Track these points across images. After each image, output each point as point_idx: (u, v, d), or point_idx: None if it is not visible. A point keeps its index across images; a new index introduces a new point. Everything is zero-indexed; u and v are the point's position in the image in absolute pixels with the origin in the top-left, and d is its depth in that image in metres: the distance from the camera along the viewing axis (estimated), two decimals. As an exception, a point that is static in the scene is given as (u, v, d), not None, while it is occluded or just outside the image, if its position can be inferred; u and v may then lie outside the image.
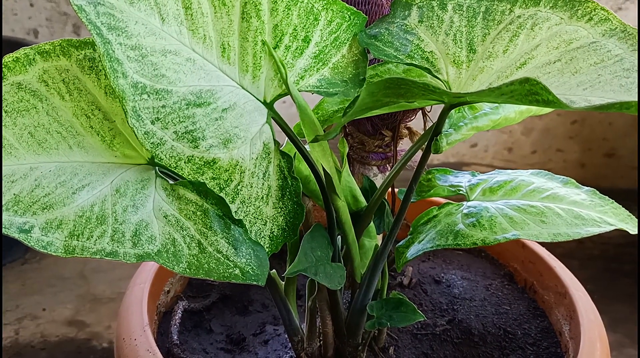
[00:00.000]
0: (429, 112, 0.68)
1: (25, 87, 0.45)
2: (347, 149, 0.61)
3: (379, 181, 0.72)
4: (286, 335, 0.66)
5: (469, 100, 0.47)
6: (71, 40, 0.47)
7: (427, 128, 0.68)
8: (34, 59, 0.46)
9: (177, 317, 0.68)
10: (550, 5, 0.48)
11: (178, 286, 0.76)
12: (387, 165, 0.72)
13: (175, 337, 0.65)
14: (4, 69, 0.45)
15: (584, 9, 0.47)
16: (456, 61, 0.50)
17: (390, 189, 0.72)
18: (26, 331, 1.14)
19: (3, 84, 0.45)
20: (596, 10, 0.47)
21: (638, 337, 1.19)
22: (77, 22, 1.45)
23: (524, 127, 1.61)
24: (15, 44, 1.30)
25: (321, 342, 0.61)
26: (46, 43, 0.46)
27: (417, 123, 0.71)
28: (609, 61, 0.45)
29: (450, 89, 0.50)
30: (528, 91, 0.38)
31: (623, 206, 0.56)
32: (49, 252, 0.42)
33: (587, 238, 0.53)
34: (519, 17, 0.49)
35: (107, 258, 0.43)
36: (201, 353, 0.66)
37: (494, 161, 1.66)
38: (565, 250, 1.43)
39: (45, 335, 1.13)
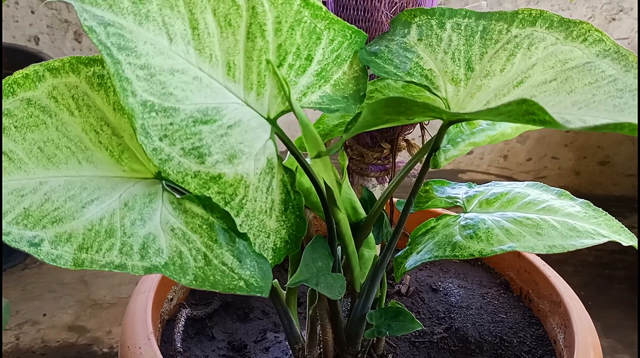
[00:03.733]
0: (427, 125, 0.69)
1: (35, 103, 0.46)
2: (347, 162, 0.62)
3: (377, 192, 0.73)
4: (287, 342, 0.67)
5: (467, 118, 0.48)
6: (80, 57, 0.48)
7: (425, 141, 0.70)
8: (43, 76, 0.47)
9: (180, 325, 0.69)
10: (547, 25, 0.50)
11: (181, 294, 0.77)
12: (386, 176, 0.73)
13: (179, 345, 0.66)
14: (13, 85, 0.46)
15: (579, 29, 0.49)
16: (454, 79, 0.51)
17: (389, 200, 0.74)
18: (27, 336, 1.15)
19: (13, 99, 0.46)
20: (590, 31, 0.48)
21: (638, 345, 1.20)
22: (78, 29, 1.47)
23: (519, 135, 1.63)
24: (16, 52, 1.31)
25: (321, 350, 0.62)
26: (55, 60, 0.48)
27: (415, 133, 0.72)
28: (602, 81, 0.46)
29: (448, 106, 0.51)
30: (525, 111, 0.39)
31: (617, 213, 0.58)
32: (59, 265, 0.43)
33: (582, 244, 0.55)
34: (515, 36, 0.50)
35: (115, 270, 0.44)
36: (203, 361, 0.67)
37: (489, 168, 1.68)
38: (559, 257, 1.45)
39: (45, 340, 1.14)
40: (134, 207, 0.46)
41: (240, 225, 0.48)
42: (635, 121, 0.40)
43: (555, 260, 1.43)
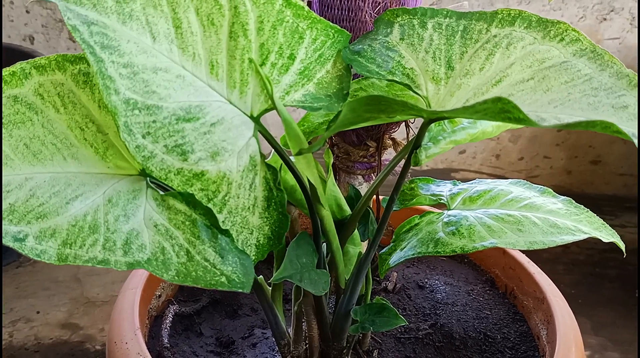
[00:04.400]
0: (412, 123, 0.70)
1: (22, 100, 0.47)
2: (332, 160, 0.63)
3: (364, 189, 0.74)
4: (274, 339, 0.68)
5: (445, 116, 0.49)
6: (66, 55, 0.48)
7: (410, 139, 0.70)
8: (30, 73, 0.47)
9: (167, 321, 0.70)
10: (525, 25, 0.51)
11: (169, 291, 0.78)
12: (372, 174, 0.74)
13: (166, 340, 0.66)
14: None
15: (556, 29, 0.50)
16: (435, 78, 0.52)
17: (375, 197, 0.74)
18: (20, 334, 1.15)
19: None
20: (567, 31, 0.49)
21: (638, 343, 1.21)
22: (72, 28, 1.47)
23: (511, 134, 1.64)
24: (11, 51, 1.32)
25: (307, 345, 0.63)
26: (42, 57, 0.48)
27: (401, 132, 0.73)
28: (578, 79, 0.47)
29: (429, 104, 0.52)
30: (500, 109, 0.40)
31: (609, 212, 0.59)
32: (43, 260, 0.44)
33: (573, 243, 0.55)
34: (495, 36, 0.51)
35: (99, 265, 0.44)
36: (191, 356, 0.68)
37: (482, 167, 1.69)
38: (551, 255, 1.46)
39: (39, 337, 1.15)
40: (118, 203, 0.47)
41: (223, 222, 0.49)
42: (608, 119, 0.41)
43: (546, 258, 1.44)
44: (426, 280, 0.81)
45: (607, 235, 0.57)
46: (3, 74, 0.47)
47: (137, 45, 0.45)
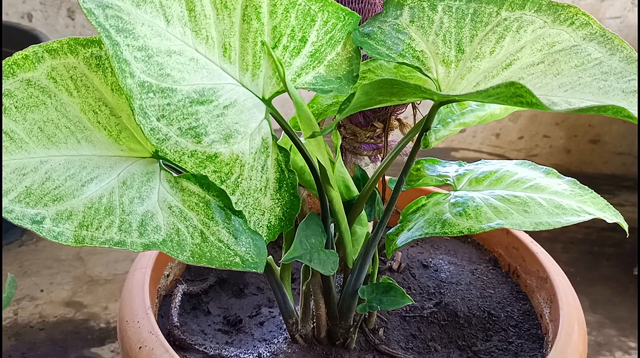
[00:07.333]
0: (418, 104, 0.70)
1: (35, 83, 0.47)
2: (340, 141, 0.63)
3: (370, 170, 0.75)
4: (281, 317, 0.69)
5: (457, 99, 0.50)
6: (78, 39, 0.49)
7: (416, 120, 0.71)
8: (42, 57, 0.48)
9: (176, 300, 0.71)
10: (535, 9, 0.51)
11: (177, 270, 0.79)
12: (378, 155, 0.74)
13: (176, 319, 0.67)
14: (13, 66, 0.47)
15: (567, 13, 0.50)
16: (445, 61, 0.52)
17: (381, 178, 0.75)
18: (25, 312, 1.16)
19: (13, 80, 0.47)
20: (578, 15, 0.50)
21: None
22: (72, 6, 1.46)
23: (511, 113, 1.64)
24: (10, 29, 1.31)
25: (314, 324, 0.64)
26: (54, 41, 0.48)
27: (407, 113, 0.74)
28: (588, 64, 0.48)
29: (439, 87, 0.52)
30: (513, 93, 0.40)
31: (607, 191, 0.59)
32: (60, 242, 0.44)
33: (571, 222, 0.56)
34: (505, 19, 0.52)
35: (115, 247, 0.45)
36: (200, 335, 0.69)
37: (482, 146, 1.70)
38: (549, 234, 1.47)
39: (43, 315, 1.16)
40: (132, 185, 0.48)
41: (235, 203, 0.50)
42: (618, 104, 0.42)
43: (545, 237, 1.46)
44: (430, 260, 0.82)
45: (611, 215, 0.58)
46: (16, 57, 0.47)
47: (151, 28, 0.45)
